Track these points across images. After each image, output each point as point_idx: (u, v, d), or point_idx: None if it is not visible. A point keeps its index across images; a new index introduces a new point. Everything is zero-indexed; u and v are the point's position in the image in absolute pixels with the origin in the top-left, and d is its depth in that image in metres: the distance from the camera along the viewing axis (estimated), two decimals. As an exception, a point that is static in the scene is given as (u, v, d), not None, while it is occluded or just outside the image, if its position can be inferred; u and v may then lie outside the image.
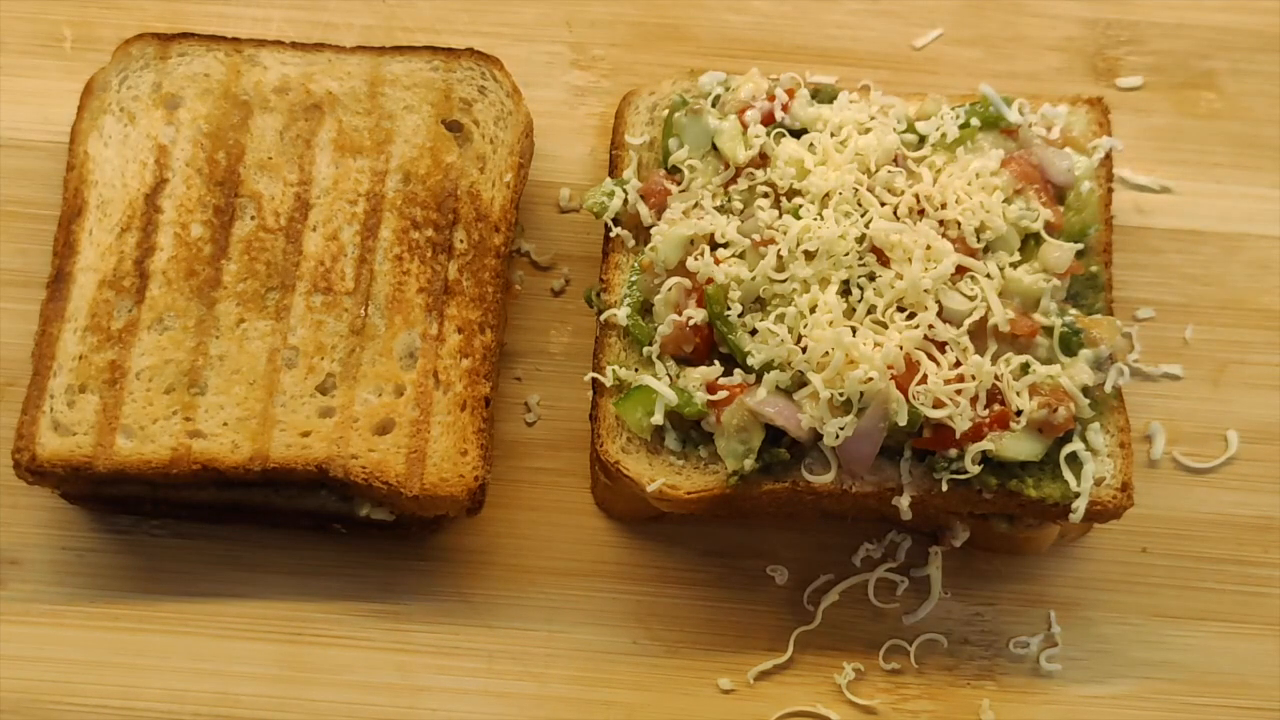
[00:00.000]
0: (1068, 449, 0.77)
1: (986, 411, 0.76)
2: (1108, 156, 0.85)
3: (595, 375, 0.81)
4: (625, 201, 0.83)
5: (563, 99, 0.92)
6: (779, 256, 0.78)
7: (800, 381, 0.77)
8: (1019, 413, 0.76)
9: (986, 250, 0.80)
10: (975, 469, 0.76)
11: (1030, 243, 0.81)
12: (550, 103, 0.92)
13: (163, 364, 0.81)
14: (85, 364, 0.81)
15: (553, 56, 0.93)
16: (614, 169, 0.86)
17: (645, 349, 0.80)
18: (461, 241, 0.83)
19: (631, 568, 0.84)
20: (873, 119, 0.83)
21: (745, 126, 0.82)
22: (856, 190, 0.80)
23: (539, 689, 0.82)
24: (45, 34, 0.93)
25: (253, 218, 0.84)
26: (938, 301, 0.77)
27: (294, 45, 0.88)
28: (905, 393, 0.75)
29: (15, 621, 0.82)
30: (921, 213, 0.80)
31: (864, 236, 0.78)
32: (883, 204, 0.80)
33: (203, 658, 0.82)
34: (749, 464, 0.77)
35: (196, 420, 0.80)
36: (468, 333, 0.82)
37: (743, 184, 0.81)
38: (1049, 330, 0.78)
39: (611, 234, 0.83)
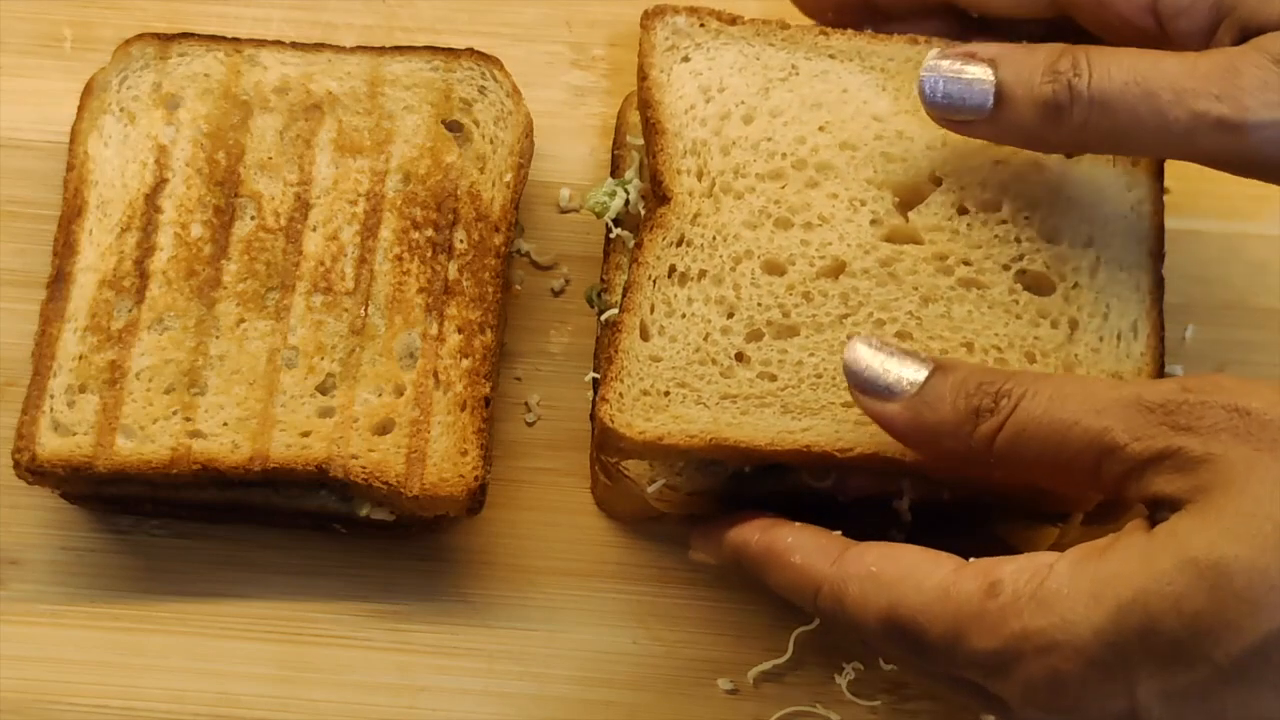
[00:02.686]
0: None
1: None
2: (1108, 156, 0.85)
3: (595, 375, 0.81)
4: (627, 202, 0.83)
5: (563, 99, 0.92)
6: None
7: None
8: None
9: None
10: None
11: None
12: (550, 103, 0.92)
13: (163, 364, 0.81)
14: (85, 364, 0.81)
15: (553, 56, 0.93)
16: (616, 169, 0.86)
17: None
18: (461, 241, 0.83)
19: (631, 568, 0.84)
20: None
21: None
22: None
23: (539, 689, 0.82)
24: (45, 34, 0.93)
25: (253, 218, 0.84)
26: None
27: (294, 45, 0.88)
28: None
29: (15, 621, 0.82)
30: None
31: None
32: None
33: (203, 658, 0.82)
34: (748, 466, 0.77)
35: (196, 420, 0.80)
36: (468, 333, 0.82)
37: None
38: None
39: (612, 234, 0.83)
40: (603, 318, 0.82)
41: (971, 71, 0.73)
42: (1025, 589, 0.63)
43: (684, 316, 0.76)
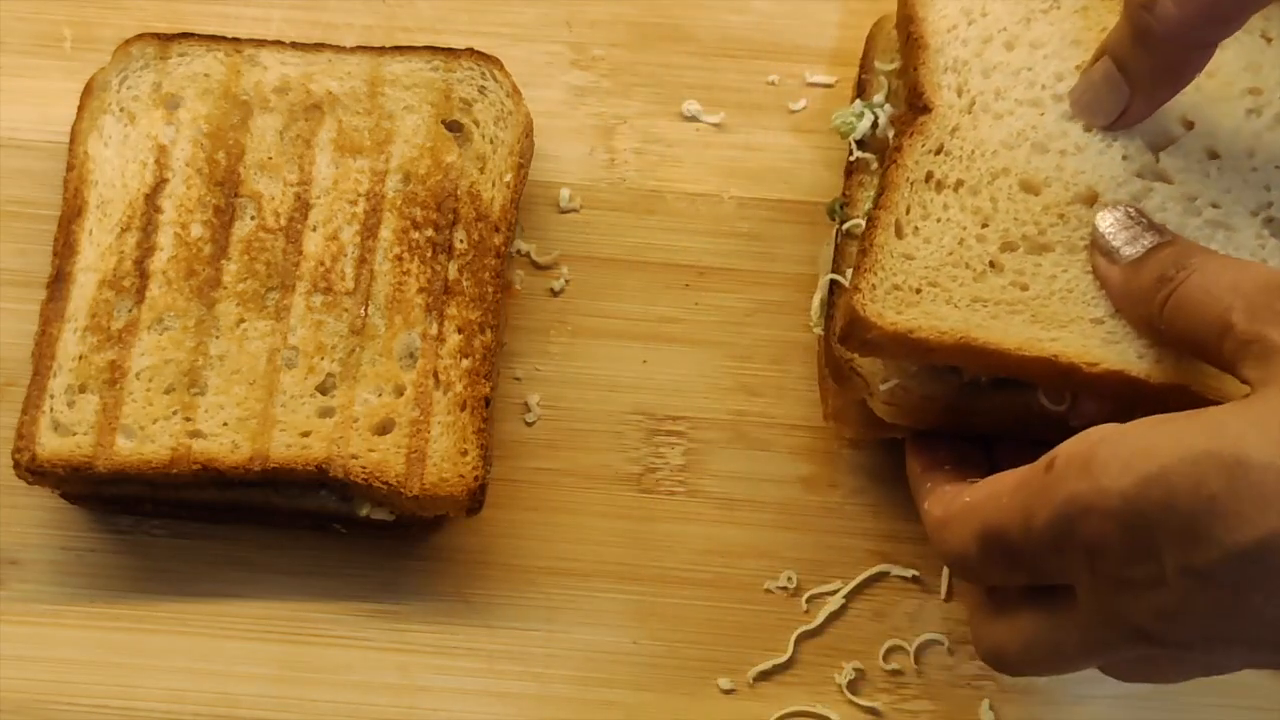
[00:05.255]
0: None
1: None
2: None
3: (835, 276, 0.81)
4: (874, 125, 0.84)
5: (563, 99, 0.93)
6: None
7: None
8: None
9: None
10: None
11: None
12: (550, 103, 0.92)
13: (163, 364, 0.81)
14: (85, 364, 0.81)
15: (553, 56, 0.93)
16: (862, 92, 0.87)
17: None
18: (461, 241, 0.83)
19: (631, 568, 0.84)
20: None
21: None
22: None
23: (539, 689, 0.82)
24: (45, 34, 0.93)
25: (253, 218, 0.84)
26: None
27: (294, 45, 0.88)
28: None
29: (15, 621, 0.82)
30: None
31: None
32: None
33: (203, 658, 0.82)
34: (987, 376, 0.76)
35: (196, 420, 0.80)
36: (468, 333, 0.82)
37: None
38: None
39: (853, 156, 0.84)
40: (845, 227, 0.82)
41: (1090, 74, 0.78)
42: (1076, 458, 0.64)
43: (939, 220, 0.77)
